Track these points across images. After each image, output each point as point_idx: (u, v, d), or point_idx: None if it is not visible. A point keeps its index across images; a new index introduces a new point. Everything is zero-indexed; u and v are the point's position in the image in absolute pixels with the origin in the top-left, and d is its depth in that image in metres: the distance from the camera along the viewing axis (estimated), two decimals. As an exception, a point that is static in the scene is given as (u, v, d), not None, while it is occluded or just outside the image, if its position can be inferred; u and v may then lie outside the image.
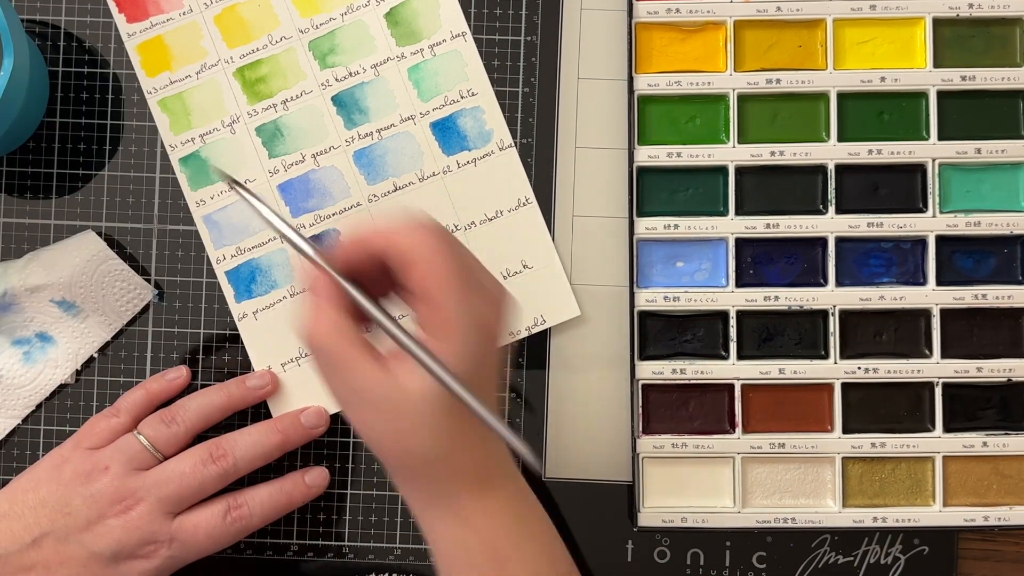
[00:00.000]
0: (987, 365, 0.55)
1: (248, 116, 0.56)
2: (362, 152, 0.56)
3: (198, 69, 0.56)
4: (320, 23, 0.56)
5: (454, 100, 0.56)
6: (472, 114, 0.56)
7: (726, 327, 0.55)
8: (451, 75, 0.56)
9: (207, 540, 0.51)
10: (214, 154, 0.56)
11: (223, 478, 0.52)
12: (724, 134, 0.55)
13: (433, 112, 0.56)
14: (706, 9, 0.55)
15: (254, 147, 0.56)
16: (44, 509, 0.50)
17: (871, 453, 0.54)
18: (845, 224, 0.55)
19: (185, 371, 0.55)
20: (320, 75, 0.56)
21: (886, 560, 0.55)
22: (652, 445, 0.55)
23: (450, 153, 0.56)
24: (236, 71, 0.56)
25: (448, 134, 0.56)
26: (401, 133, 0.56)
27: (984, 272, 0.55)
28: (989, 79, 0.55)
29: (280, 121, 0.56)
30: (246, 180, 0.56)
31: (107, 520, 0.50)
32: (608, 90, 0.56)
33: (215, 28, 0.56)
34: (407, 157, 0.56)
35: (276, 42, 0.56)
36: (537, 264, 0.56)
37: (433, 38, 0.56)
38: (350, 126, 0.56)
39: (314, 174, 0.56)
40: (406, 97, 0.56)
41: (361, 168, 0.56)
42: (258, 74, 0.56)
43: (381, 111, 0.56)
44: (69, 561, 0.49)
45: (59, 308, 0.55)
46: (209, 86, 0.56)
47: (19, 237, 0.56)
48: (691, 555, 0.56)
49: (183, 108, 0.56)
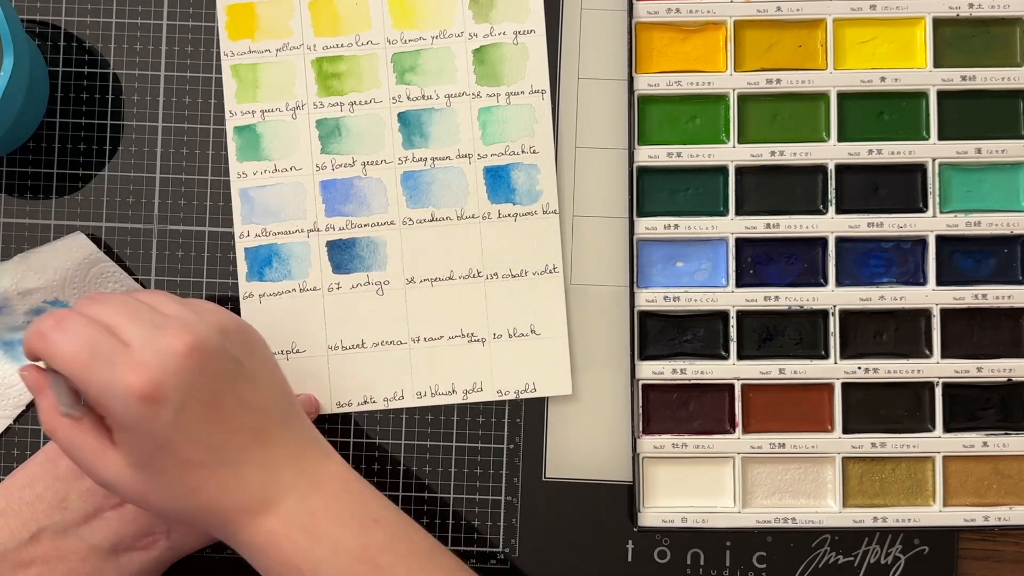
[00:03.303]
0: (987, 365, 0.55)
1: (314, 107, 0.56)
2: (411, 174, 0.56)
3: (280, 46, 0.56)
4: (410, 39, 0.56)
5: (514, 152, 0.56)
6: (527, 170, 0.56)
7: (726, 327, 0.55)
8: (519, 127, 0.56)
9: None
10: (270, 132, 0.56)
11: None
12: (724, 134, 0.55)
13: (491, 157, 0.56)
14: (706, 9, 0.55)
15: (310, 137, 0.56)
16: (40, 504, 0.50)
17: (871, 453, 0.54)
18: (845, 224, 0.55)
19: None
20: (394, 89, 0.56)
21: (886, 560, 0.55)
22: (652, 445, 0.55)
23: (495, 201, 0.56)
24: (315, 60, 0.56)
25: (499, 182, 0.56)
26: (454, 167, 0.56)
27: (984, 272, 0.55)
28: (989, 79, 0.55)
29: (342, 121, 0.56)
30: (292, 167, 0.56)
31: (104, 512, 0.50)
32: (608, 90, 0.56)
33: (307, 12, 0.56)
34: (453, 192, 0.56)
35: (362, 44, 0.56)
36: (545, 333, 0.55)
37: (514, 87, 0.56)
38: (408, 146, 0.56)
39: (359, 181, 0.56)
40: (470, 135, 0.56)
41: (406, 189, 0.56)
42: (335, 69, 0.56)
43: (442, 140, 0.56)
44: (68, 555, 0.49)
45: (52, 309, 0.55)
46: (285, 66, 0.56)
47: (19, 237, 0.56)
48: (691, 555, 0.56)
49: (254, 79, 0.56)
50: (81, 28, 0.56)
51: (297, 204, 0.56)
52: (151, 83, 0.57)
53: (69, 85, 0.56)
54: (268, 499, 0.45)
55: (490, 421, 0.56)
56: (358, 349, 0.56)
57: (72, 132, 0.56)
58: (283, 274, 0.56)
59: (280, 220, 0.56)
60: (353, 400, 0.56)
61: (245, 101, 0.56)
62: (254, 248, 0.56)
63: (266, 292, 0.56)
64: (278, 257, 0.56)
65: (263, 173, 0.56)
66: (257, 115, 0.56)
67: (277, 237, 0.56)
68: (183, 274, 0.56)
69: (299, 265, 0.56)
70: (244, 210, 0.56)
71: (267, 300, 0.56)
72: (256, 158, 0.56)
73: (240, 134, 0.56)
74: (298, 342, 0.56)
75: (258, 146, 0.56)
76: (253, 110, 0.56)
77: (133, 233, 0.56)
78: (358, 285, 0.56)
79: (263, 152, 0.56)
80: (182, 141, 0.56)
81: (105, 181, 0.56)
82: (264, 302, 0.56)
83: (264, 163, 0.56)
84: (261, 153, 0.56)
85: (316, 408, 0.55)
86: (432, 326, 0.56)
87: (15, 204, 0.56)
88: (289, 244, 0.56)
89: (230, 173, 0.56)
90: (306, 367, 0.55)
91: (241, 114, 0.56)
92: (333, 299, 0.56)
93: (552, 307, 0.56)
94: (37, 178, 0.56)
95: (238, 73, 0.56)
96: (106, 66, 0.56)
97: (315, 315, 0.56)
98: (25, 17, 0.56)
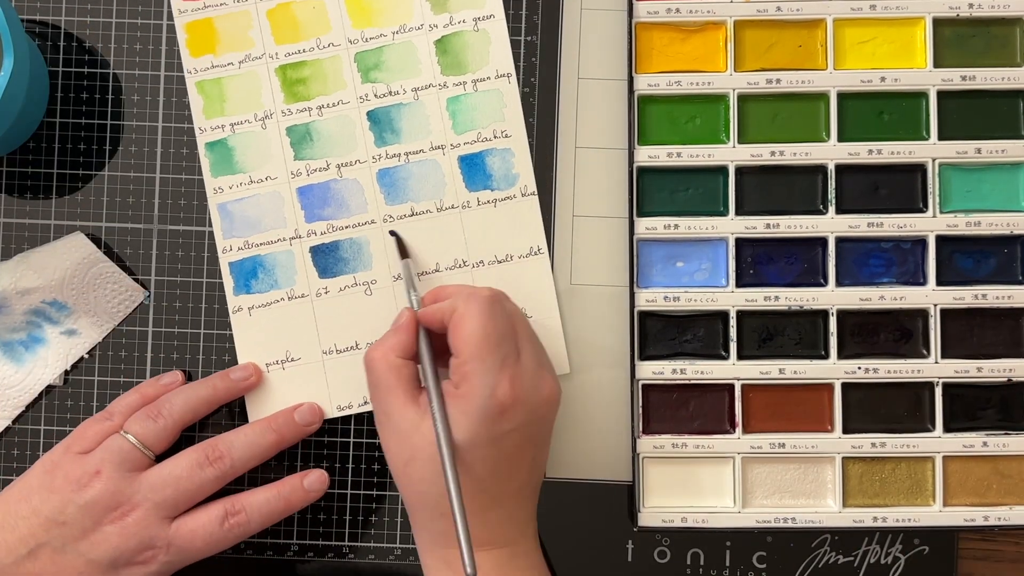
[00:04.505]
0: (987, 365, 0.55)
1: (282, 114, 0.56)
2: (387, 171, 0.56)
3: (242, 58, 0.56)
4: (370, 37, 0.56)
5: (487, 138, 0.56)
6: (502, 155, 0.56)
7: (726, 327, 0.55)
8: (489, 113, 0.56)
9: (204, 546, 0.51)
10: (241, 145, 0.56)
11: (220, 480, 0.52)
12: (724, 134, 0.55)
13: (464, 146, 0.56)
14: (706, 9, 0.55)
15: (282, 146, 0.56)
16: (38, 519, 0.49)
17: (871, 453, 0.54)
18: (845, 224, 0.55)
19: (180, 376, 0.55)
20: (360, 88, 0.56)
21: (886, 560, 0.55)
22: (652, 445, 0.55)
23: (473, 189, 0.56)
24: (278, 68, 0.56)
25: (474, 170, 0.56)
26: (428, 160, 0.56)
27: (984, 272, 0.55)
28: (989, 79, 0.55)
29: (312, 125, 0.56)
30: (267, 177, 0.56)
31: (103, 527, 0.50)
32: (608, 90, 0.56)
33: (266, 21, 0.56)
34: (430, 185, 0.56)
35: (324, 47, 0.56)
36: (537, 315, 0.56)
37: (479, 73, 0.56)
38: (380, 144, 0.56)
39: (335, 184, 0.56)
40: (440, 126, 0.56)
41: (383, 187, 0.56)
42: (300, 75, 0.56)
43: (413, 135, 0.56)
44: (66, 571, 0.49)
45: (51, 309, 0.55)
46: (249, 77, 0.56)
47: (19, 237, 0.56)
48: (691, 555, 0.56)
49: (219, 94, 0.56)
50: (81, 28, 0.56)
51: (276, 213, 0.56)
52: (151, 83, 0.57)
53: (69, 85, 0.56)
54: (492, 538, 0.49)
55: (490, 421, 0.56)
56: (352, 351, 0.55)
57: (72, 132, 0.56)
58: (270, 284, 0.56)
59: (261, 231, 0.56)
60: (353, 402, 0.56)
61: (213, 116, 0.56)
62: (238, 261, 0.56)
63: (255, 304, 0.56)
64: (263, 268, 0.56)
65: (239, 186, 0.56)
66: (227, 129, 0.56)
67: (260, 248, 0.56)
68: (183, 274, 0.56)
69: (285, 274, 0.56)
70: (224, 225, 0.56)
71: (257, 312, 0.56)
72: (230, 172, 0.56)
73: (212, 149, 0.56)
74: (292, 351, 0.56)
75: (231, 159, 0.56)
76: (222, 124, 0.56)
77: (133, 233, 0.56)
78: (346, 287, 0.56)
79: (236, 165, 0.56)
80: (182, 141, 0.56)
81: (105, 181, 0.56)
82: (254, 314, 0.56)
83: (239, 176, 0.56)
84: (235, 166, 0.56)
85: (320, 416, 0.55)
86: None
87: (15, 204, 0.56)
88: (273, 254, 0.56)
89: (206, 189, 0.56)
90: (303, 375, 0.55)
91: (211, 129, 0.56)
92: (322, 304, 0.56)
93: (541, 288, 0.56)
94: (37, 178, 0.56)
95: (203, 89, 0.56)
96: (106, 66, 0.56)
97: (306, 322, 0.56)
98: (25, 17, 0.56)
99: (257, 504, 0.52)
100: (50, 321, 0.55)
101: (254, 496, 0.53)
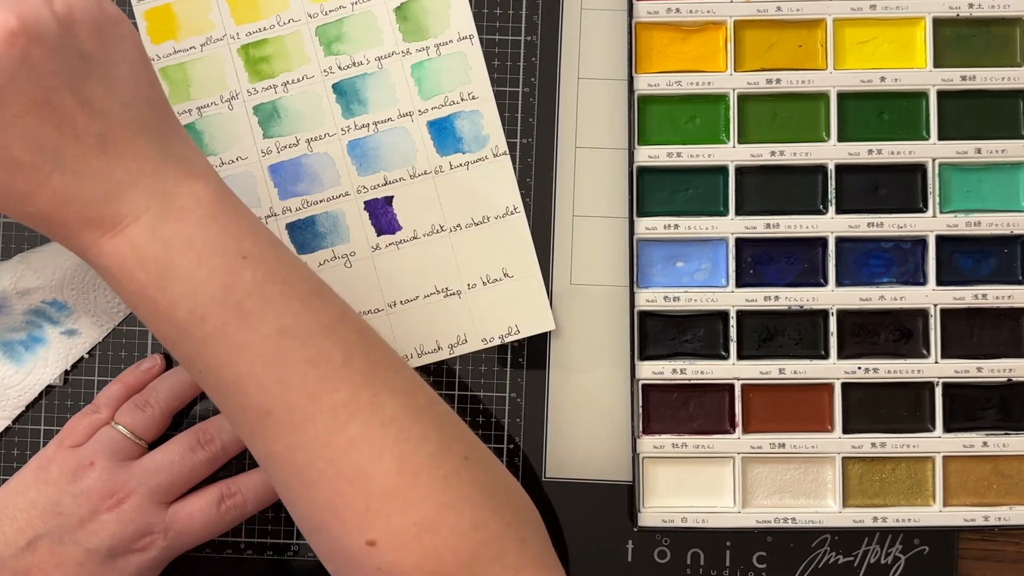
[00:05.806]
0: (987, 365, 0.55)
1: (248, 94, 0.56)
2: (356, 143, 0.56)
3: (203, 42, 0.56)
4: (330, 9, 0.56)
5: (454, 101, 0.56)
6: (470, 117, 0.56)
7: (726, 327, 0.55)
8: (454, 76, 0.56)
9: (202, 528, 0.51)
10: (210, 127, 0.56)
11: (213, 462, 0.52)
12: (724, 134, 0.55)
13: (432, 111, 0.56)
14: (706, 9, 0.55)
15: (250, 125, 0.56)
16: (35, 511, 0.50)
17: (871, 453, 0.54)
18: (845, 224, 0.55)
19: (160, 359, 0.55)
20: (324, 61, 0.56)
21: (886, 560, 0.55)
22: (652, 445, 0.55)
23: (444, 154, 0.56)
24: (241, 48, 0.56)
25: (444, 134, 0.56)
26: (397, 128, 0.56)
27: (984, 272, 0.55)
28: (989, 79, 0.55)
29: (279, 103, 0.56)
30: (238, 158, 0.56)
31: (100, 516, 0.50)
32: (608, 90, 0.56)
33: (224, 3, 0.56)
34: (401, 152, 0.56)
35: (284, 23, 0.56)
36: (518, 274, 0.56)
37: (440, 37, 0.56)
38: (348, 115, 0.56)
39: (307, 159, 0.56)
40: (406, 93, 0.56)
41: (354, 158, 0.56)
42: (262, 53, 0.56)
43: (380, 104, 0.56)
44: (65, 562, 0.49)
45: (51, 309, 0.55)
46: (212, 60, 0.56)
47: (19, 237, 0.56)
48: (691, 555, 0.56)
49: (184, 79, 0.56)
50: (81, 28, 0.56)
51: (249, 193, 0.56)
52: (151, 83, 0.56)
53: (69, 85, 0.56)
54: (112, 217, 0.40)
55: (490, 421, 0.56)
56: None
57: (72, 132, 0.56)
58: None
59: None
60: None
61: (180, 101, 0.56)
62: None
63: None
64: None
65: None
66: (194, 113, 0.56)
67: None
68: (183, 274, 0.56)
69: None
70: None
71: None
72: None
73: None
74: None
75: (200, 143, 0.56)
76: (189, 108, 0.56)
77: (133, 233, 0.56)
78: (325, 261, 0.56)
79: (206, 148, 0.56)
80: (182, 141, 0.56)
81: (105, 181, 0.56)
82: None
83: (210, 159, 0.56)
84: (205, 149, 0.56)
85: None
86: (406, 288, 0.55)
87: (15, 204, 0.56)
88: None
89: None
90: None
91: (179, 115, 0.56)
92: None
93: (520, 247, 0.56)
94: (37, 178, 0.56)
95: (168, 75, 0.56)
96: (106, 66, 0.56)
97: None
98: (25, 17, 0.56)
99: (252, 484, 0.53)
100: (50, 321, 0.55)
101: (249, 477, 0.53)
